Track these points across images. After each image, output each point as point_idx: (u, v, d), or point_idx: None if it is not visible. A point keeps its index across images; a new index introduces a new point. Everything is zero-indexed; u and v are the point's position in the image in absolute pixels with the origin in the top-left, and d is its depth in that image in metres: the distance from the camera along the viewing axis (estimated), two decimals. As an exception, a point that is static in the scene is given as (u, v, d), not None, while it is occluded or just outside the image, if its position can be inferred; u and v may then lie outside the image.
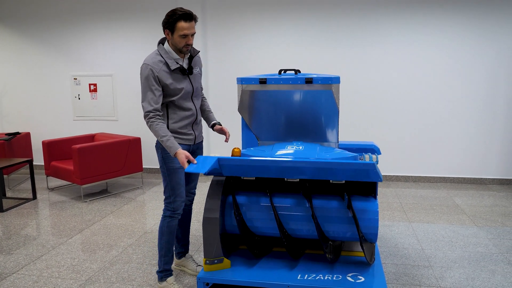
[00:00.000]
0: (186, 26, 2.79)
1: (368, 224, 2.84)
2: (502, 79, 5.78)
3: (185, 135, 3.04)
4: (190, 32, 2.82)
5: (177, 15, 2.78)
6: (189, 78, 2.99)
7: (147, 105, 2.83)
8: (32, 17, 7.07)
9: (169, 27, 2.82)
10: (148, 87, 2.83)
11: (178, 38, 2.82)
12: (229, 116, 6.58)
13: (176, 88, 2.91)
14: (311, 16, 6.13)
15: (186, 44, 2.85)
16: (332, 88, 3.06)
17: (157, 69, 2.84)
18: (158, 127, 2.82)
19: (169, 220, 3.03)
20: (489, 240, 3.97)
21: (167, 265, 3.10)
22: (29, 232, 4.41)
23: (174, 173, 2.98)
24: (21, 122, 7.43)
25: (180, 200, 3.02)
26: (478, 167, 6.04)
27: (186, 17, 2.79)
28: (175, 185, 2.99)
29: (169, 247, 3.07)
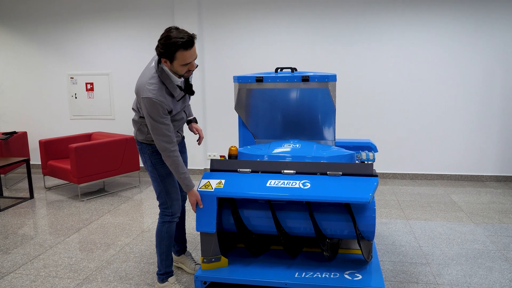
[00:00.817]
0: (187, 55, 2.51)
1: (365, 221, 2.84)
2: (499, 76, 5.79)
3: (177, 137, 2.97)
4: (192, 59, 2.56)
5: (176, 45, 2.45)
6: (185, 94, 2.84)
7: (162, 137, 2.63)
8: (28, 16, 7.04)
9: (167, 56, 2.52)
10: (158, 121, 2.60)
11: (180, 67, 2.56)
12: (225, 115, 6.57)
13: (177, 110, 2.79)
14: (308, 14, 6.12)
15: (188, 70, 2.61)
16: (329, 86, 3.06)
17: (165, 102, 2.61)
18: (179, 161, 2.71)
19: (168, 225, 2.96)
20: (486, 237, 3.98)
21: (168, 267, 3.05)
22: (26, 231, 4.40)
23: (167, 178, 2.90)
24: (18, 121, 7.41)
25: (177, 203, 2.97)
26: (475, 164, 6.05)
27: (187, 45, 2.48)
28: (170, 189, 2.92)
29: (170, 250, 3.03)
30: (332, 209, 2.92)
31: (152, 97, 2.56)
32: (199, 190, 2.84)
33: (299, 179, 2.78)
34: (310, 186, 2.71)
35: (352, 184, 2.69)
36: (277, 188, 2.73)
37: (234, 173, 2.95)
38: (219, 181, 2.88)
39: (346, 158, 3.02)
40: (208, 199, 2.82)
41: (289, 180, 2.79)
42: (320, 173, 2.83)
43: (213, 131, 6.68)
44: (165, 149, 2.66)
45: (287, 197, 2.68)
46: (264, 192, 2.73)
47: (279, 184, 2.76)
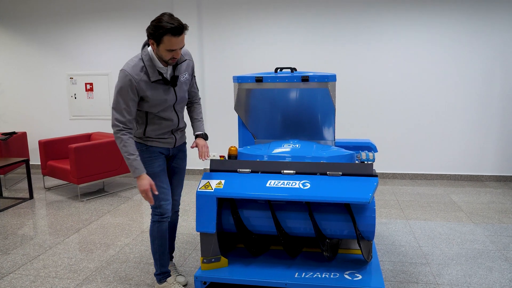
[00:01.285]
0: (174, 41, 2.52)
1: (365, 221, 2.84)
2: (498, 76, 5.79)
3: (164, 139, 2.91)
4: (179, 47, 2.56)
5: (164, 29, 2.47)
6: (174, 90, 2.79)
7: (119, 115, 2.62)
8: (28, 16, 7.04)
9: (154, 38, 2.53)
10: (122, 96, 2.61)
11: (165, 52, 2.56)
12: (225, 115, 6.57)
13: (156, 99, 2.71)
14: (307, 14, 6.12)
15: (172, 57, 2.61)
16: (328, 86, 3.06)
17: (137, 79, 2.61)
18: (127, 143, 2.64)
19: (158, 225, 2.93)
20: (486, 237, 3.98)
21: (163, 267, 3.04)
22: (26, 231, 4.39)
23: (154, 178, 2.85)
24: (18, 121, 7.41)
25: (166, 203, 2.91)
26: (475, 164, 6.05)
27: (175, 32, 2.49)
28: (157, 189, 2.86)
29: (163, 250, 2.99)
30: (332, 209, 2.92)
31: (125, 69, 2.60)
32: (198, 190, 2.83)
33: (299, 179, 2.78)
34: (310, 186, 2.71)
35: (352, 184, 2.69)
36: (277, 189, 2.73)
37: (234, 173, 2.95)
38: (219, 182, 2.88)
39: (346, 158, 3.02)
40: (208, 200, 2.82)
41: (289, 181, 2.78)
42: (320, 173, 2.83)
43: (212, 131, 6.68)
44: (114, 126, 2.64)
45: (287, 198, 2.68)
46: (264, 193, 2.72)
47: (279, 184, 2.76)
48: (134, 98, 2.64)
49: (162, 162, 2.92)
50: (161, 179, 2.89)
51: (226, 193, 2.79)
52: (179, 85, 2.82)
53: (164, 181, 2.91)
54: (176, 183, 3.12)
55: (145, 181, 2.66)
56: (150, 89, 2.67)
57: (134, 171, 2.66)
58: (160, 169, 2.89)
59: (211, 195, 2.81)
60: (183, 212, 4.87)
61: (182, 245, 3.95)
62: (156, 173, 2.87)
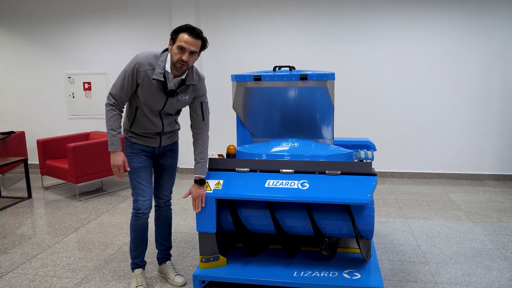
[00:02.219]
0: (186, 39, 2.61)
1: (364, 221, 2.84)
2: (497, 75, 5.79)
3: (149, 139, 2.94)
4: (189, 47, 2.61)
5: (183, 27, 2.63)
6: (166, 99, 2.79)
7: (114, 89, 2.77)
8: (26, 16, 7.02)
9: (172, 35, 2.68)
10: (124, 79, 2.74)
11: (176, 50, 2.63)
12: (223, 113, 6.57)
13: (146, 96, 2.76)
14: (306, 13, 6.12)
15: (180, 59, 2.63)
16: (327, 85, 3.05)
17: (142, 68, 2.70)
18: (113, 119, 2.77)
19: (135, 219, 2.99)
20: (485, 236, 3.98)
21: (135, 259, 3.11)
22: (24, 231, 4.38)
23: (134, 172, 2.93)
24: (16, 121, 7.39)
25: (142, 199, 2.94)
26: (474, 163, 6.05)
27: (191, 31, 2.62)
28: (135, 183, 2.93)
29: (137, 243, 3.05)
30: (330, 208, 2.91)
31: (139, 55, 2.74)
32: None
33: (297, 179, 2.78)
34: (309, 186, 2.70)
35: (351, 185, 2.68)
36: (276, 189, 2.73)
37: (233, 172, 2.94)
38: (218, 182, 2.87)
39: (344, 157, 3.01)
40: (207, 201, 2.82)
41: (287, 180, 2.78)
42: (318, 172, 2.82)
43: (211, 130, 6.64)
44: (107, 99, 2.79)
45: (286, 199, 2.67)
46: (262, 194, 2.72)
47: (277, 184, 2.76)
48: (131, 82, 2.74)
49: (144, 160, 2.96)
50: (139, 175, 2.94)
51: (224, 194, 2.79)
52: (175, 102, 2.83)
53: (144, 178, 2.95)
54: (166, 180, 3.14)
55: (119, 157, 2.79)
56: (146, 83, 2.73)
57: (111, 145, 2.78)
58: (140, 165, 2.94)
59: (210, 196, 2.81)
60: (181, 211, 4.86)
61: (180, 244, 3.94)
62: (135, 168, 2.93)
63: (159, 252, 3.30)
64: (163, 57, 2.72)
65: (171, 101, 2.82)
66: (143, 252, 3.12)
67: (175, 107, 2.88)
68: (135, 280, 3.09)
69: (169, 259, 3.32)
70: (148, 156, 2.99)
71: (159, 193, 3.16)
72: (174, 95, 2.79)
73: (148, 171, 2.99)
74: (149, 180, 2.99)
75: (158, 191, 3.16)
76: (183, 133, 6.64)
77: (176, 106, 2.88)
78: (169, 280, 3.21)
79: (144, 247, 3.12)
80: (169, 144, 3.07)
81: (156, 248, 3.31)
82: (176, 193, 5.63)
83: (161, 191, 3.16)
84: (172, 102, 2.83)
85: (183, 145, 6.66)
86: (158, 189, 3.16)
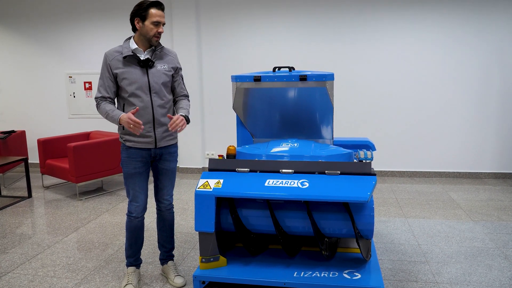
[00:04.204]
0: (158, 14, 2.79)
1: (364, 220, 2.83)
2: (496, 73, 5.79)
3: (143, 137, 2.91)
4: (162, 20, 2.82)
5: (148, 2, 2.77)
6: (147, 72, 2.88)
7: (97, 92, 2.89)
8: (27, 16, 7.01)
9: (140, 15, 2.79)
10: (103, 76, 2.87)
11: (150, 26, 2.79)
12: (224, 114, 6.56)
13: (129, 79, 2.84)
14: (305, 13, 6.10)
15: (157, 32, 2.81)
16: (326, 85, 3.05)
17: (111, 57, 2.85)
18: (103, 105, 2.84)
19: (129, 220, 3.06)
20: (486, 234, 3.98)
21: (129, 258, 3.17)
22: (24, 230, 4.39)
23: (128, 178, 2.98)
24: (17, 120, 7.39)
25: (135, 204, 3.00)
26: (473, 161, 6.05)
27: (157, 4, 2.79)
28: (129, 189, 2.99)
29: (130, 243, 3.11)
30: (330, 208, 2.91)
31: (107, 51, 2.91)
32: (197, 190, 2.83)
33: (297, 179, 2.78)
34: (309, 185, 2.70)
35: (350, 183, 2.68)
36: (276, 188, 2.73)
37: (233, 172, 2.94)
38: (218, 181, 2.87)
39: (344, 157, 3.01)
40: (206, 199, 2.81)
41: (287, 180, 2.78)
42: (318, 172, 2.82)
43: (211, 130, 6.67)
44: (95, 101, 2.91)
45: (286, 197, 2.67)
46: (262, 192, 2.72)
47: (277, 183, 2.76)
48: (108, 74, 2.85)
49: (139, 166, 2.97)
50: (133, 181, 2.97)
51: (224, 193, 2.78)
52: (155, 72, 2.90)
53: (137, 184, 2.98)
54: (166, 184, 3.14)
55: (124, 116, 2.73)
56: (122, 66, 2.84)
57: (115, 119, 2.77)
58: (135, 171, 2.96)
59: (210, 195, 2.81)
60: (181, 211, 4.87)
61: (180, 244, 3.94)
62: (129, 174, 2.96)
63: (161, 253, 3.32)
64: (126, 43, 2.90)
65: (152, 72, 2.89)
66: (137, 251, 3.17)
67: (160, 79, 2.91)
68: (126, 278, 3.15)
69: (171, 260, 3.34)
70: (144, 162, 2.99)
71: (160, 198, 3.17)
72: (151, 65, 2.88)
73: (143, 177, 3.01)
74: (143, 187, 3.01)
75: (159, 195, 3.16)
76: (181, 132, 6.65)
77: (160, 78, 2.91)
78: (169, 280, 3.23)
79: (139, 247, 3.17)
80: (166, 146, 3.04)
81: (159, 249, 3.34)
82: (177, 193, 5.64)
83: (162, 195, 3.16)
84: (154, 73, 2.89)
85: (183, 145, 6.68)
86: (158, 193, 3.16)
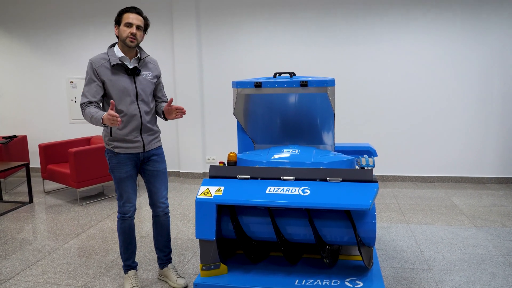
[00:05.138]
0: (131, 16, 2.87)
1: (366, 228, 2.81)
2: (497, 77, 5.76)
3: (131, 142, 2.98)
4: (135, 22, 2.86)
5: (124, 9, 2.90)
6: (134, 80, 2.95)
7: (82, 98, 2.88)
8: (28, 20, 7.02)
9: (117, 21, 2.91)
10: (87, 81, 2.89)
11: (124, 27, 2.87)
12: (224, 119, 6.55)
13: (116, 86, 2.89)
14: (306, 18, 6.09)
15: (130, 33, 2.85)
16: (327, 91, 3.03)
17: (97, 64, 2.87)
18: (88, 109, 2.83)
19: (121, 222, 3.10)
20: (489, 241, 3.94)
21: (127, 261, 3.20)
22: (25, 236, 4.37)
23: (120, 182, 3.02)
24: (18, 125, 7.39)
25: (129, 205, 3.07)
26: (476, 166, 6.02)
27: (131, 9, 2.89)
28: (122, 192, 3.04)
29: (126, 246, 3.15)
30: (332, 215, 2.89)
31: (91, 58, 2.93)
32: (198, 197, 2.81)
33: (298, 186, 2.76)
34: (310, 193, 2.68)
35: (352, 191, 2.66)
36: (277, 195, 2.70)
37: (233, 179, 2.92)
38: (218, 188, 2.85)
39: (345, 164, 2.99)
40: (207, 207, 2.79)
41: (288, 187, 2.76)
42: (319, 179, 2.80)
43: (211, 135, 6.66)
44: (80, 108, 2.91)
45: (287, 204, 2.65)
46: (263, 199, 2.70)
47: (278, 191, 2.74)
48: (96, 81, 2.87)
49: (130, 169, 3.03)
50: (126, 184, 3.03)
51: (225, 200, 2.76)
52: (142, 80, 2.98)
53: (130, 186, 3.05)
54: (159, 186, 3.17)
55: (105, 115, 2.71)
56: (110, 74, 2.89)
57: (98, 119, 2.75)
58: (126, 175, 3.02)
59: (210, 202, 2.79)
60: (182, 217, 4.85)
61: (181, 250, 3.92)
62: (122, 178, 3.01)
63: (160, 257, 3.33)
64: (111, 50, 2.94)
65: (139, 80, 2.97)
66: (133, 253, 3.22)
67: (146, 87, 3.00)
68: (129, 282, 3.16)
69: (170, 262, 3.37)
70: (133, 165, 3.06)
71: (155, 201, 3.18)
72: (138, 73, 2.96)
73: (134, 179, 3.09)
74: (134, 187, 3.10)
75: (154, 199, 3.18)
76: (180, 136, 6.64)
77: (147, 86, 3.01)
78: (170, 282, 3.25)
79: (134, 249, 3.22)
80: (153, 148, 3.11)
81: (157, 254, 3.34)
82: (177, 198, 5.62)
83: (157, 198, 3.18)
84: (141, 81, 2.97)
85: (184, 150, 6.67)
86: (153, 197, 3.18)
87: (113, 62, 2.87)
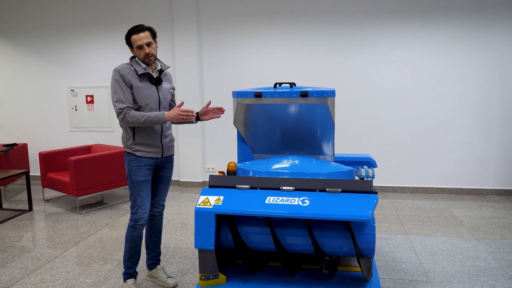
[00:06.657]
0: (137, 38, 2.95)
1: (365, 239, 2.81)
2: (498, 87, 5.78)
3: (151, 147, 3.08)
4: (143, 42, 2.95)
5: (129, 32, 2.98)
6: (157, 89, 3.08)
7: (119, 103, 2.93)
8: (29, 29, 7.07)
9: (127, 43, 3.02)
10: (118, 87, 2.95)
11: (137, 51, 2.98)
12: (224, 129, 6.56)
13: (143, 93, 3.00)
14: (306, 28, 6.14)
15: (144, 54, 2.97)
16: (328, 102, 3.05)
17: (124, 72, 2.97)
18: (133, 114, 2.92)
19: (132, 230, 3.13)
20: (489, 253, 3.94)
21: (129, 269, 3.24)
22: (24, 244, 4.37)
23: (137, 186, 3.06)
24: (18, 133, 7.41)
25: (142, 212, 3.09)
26: (476, 178, 6.02)
27: (135, 30, 2.97)
28: (137, 197, 3.07)
29: (131, 254, 3.19)
30: (331, 226, 2.89)
31: (116, 67, 3.02)
32: (197, 207, 2.81)
33: (298, 196, 2.76)
34: (309, 203, 2.68)
35: (352, 202, 2.67)
36: (276, 205, 2.71)
37: (233, 189, 2.93)
38: (218, 198, 2.86)
39: (345, 175, 3.00)
40: (206, 216, 2.80)
41: (288, 197, 2.76)
42: (319, 190, 2.80)
43: (211, 144, 6.67)
44: (119, 114, 2.94)
45: (286, 215, 2.65)
46: (263, 210, 2.70)
47: (278, 201, 2.74)
48: (126, 86, 2.96)
49: (148, 174, 3.10)
50: (142, 189, 3.07)
51: (225, 210, 2.77)
52: (163, 89, 3.14)
53: (145, 191, 3.09)
54: (162, 190, 3.32)
55: (173, 112, 2.94)
56: (138, 80, 3.00)
57: (159, 119, 2.93)
58: (144, 179, 3.07)
59: (209, 212, 2.80)
60: (181, 226, 4.84)
61: (180, 260, 3.91)
62: (139, 182, 3.06)
63: (149, 258, 3.43)
64: (134, 61, 3.06)
65: (161, 89, 3.11)
66: (136, 262, 3.26)
67: (167, 96, 3.17)
68: None
69: (159, 263, 3.48)
70: (151, 170, 3.14)
71: (155, 203, 3.32)
72: (160, 83, 3.11)
73: (150, 184, 3.15)
74: (149, 193, 3.15)
75: (154, 201, 3.31)
76: (180, 145, 6.65)
77: (166, 95, 3.17)
78: (160, 283, 3.36)
79: (138, 258, 3.26)
80: (169, 155, 3.24)
81: (147, 254, 3.44)
82: (176, 207, 5.62)
83: (157, 201, 3.32)
84: (162, 91, 3.12)
85: (184, 159, 6.68)
86: (154, 199, 3.31)
87: (139, 71, 3.00)
